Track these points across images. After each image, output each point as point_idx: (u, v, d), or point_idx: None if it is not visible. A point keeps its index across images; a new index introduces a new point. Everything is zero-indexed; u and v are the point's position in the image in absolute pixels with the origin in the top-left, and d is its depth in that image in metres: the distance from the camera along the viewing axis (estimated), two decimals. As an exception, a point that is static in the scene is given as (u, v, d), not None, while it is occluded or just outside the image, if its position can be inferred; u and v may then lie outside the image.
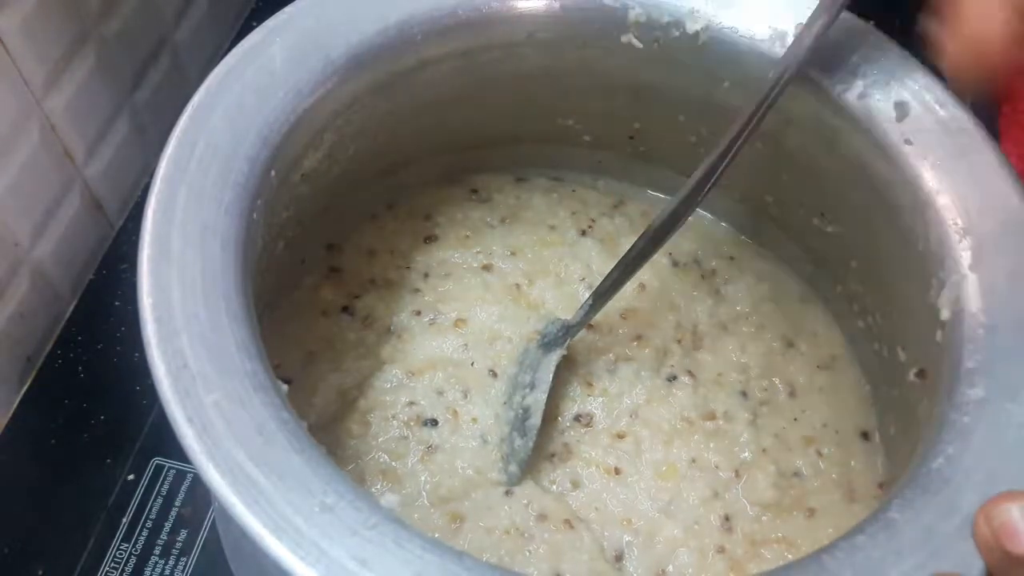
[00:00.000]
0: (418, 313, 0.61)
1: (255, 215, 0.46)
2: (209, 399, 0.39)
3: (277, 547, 0.36)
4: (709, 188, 0.51)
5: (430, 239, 0.65)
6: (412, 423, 0.57)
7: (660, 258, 0.64)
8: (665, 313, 0.62)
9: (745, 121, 0.50)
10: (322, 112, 0.51)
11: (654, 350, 0.60)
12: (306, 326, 0.60)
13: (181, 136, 0.46)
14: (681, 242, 0.65)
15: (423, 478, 0.55)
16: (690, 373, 0.60)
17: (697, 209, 0.66)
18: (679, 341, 0.61)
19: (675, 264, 0.64)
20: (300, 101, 0.49)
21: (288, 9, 0.51)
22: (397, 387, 0.58)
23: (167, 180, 0.45)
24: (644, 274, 0.61)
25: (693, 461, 0.57)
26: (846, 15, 0.52)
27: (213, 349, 0.40)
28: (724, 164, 0.51)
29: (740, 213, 0.66)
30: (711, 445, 0.57)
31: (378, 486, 0.55)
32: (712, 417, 0.58)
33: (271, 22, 0.51)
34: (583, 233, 0.65)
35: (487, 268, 0.63)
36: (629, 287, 0.59)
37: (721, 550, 0.54)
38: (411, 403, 0.58)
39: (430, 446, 0.56)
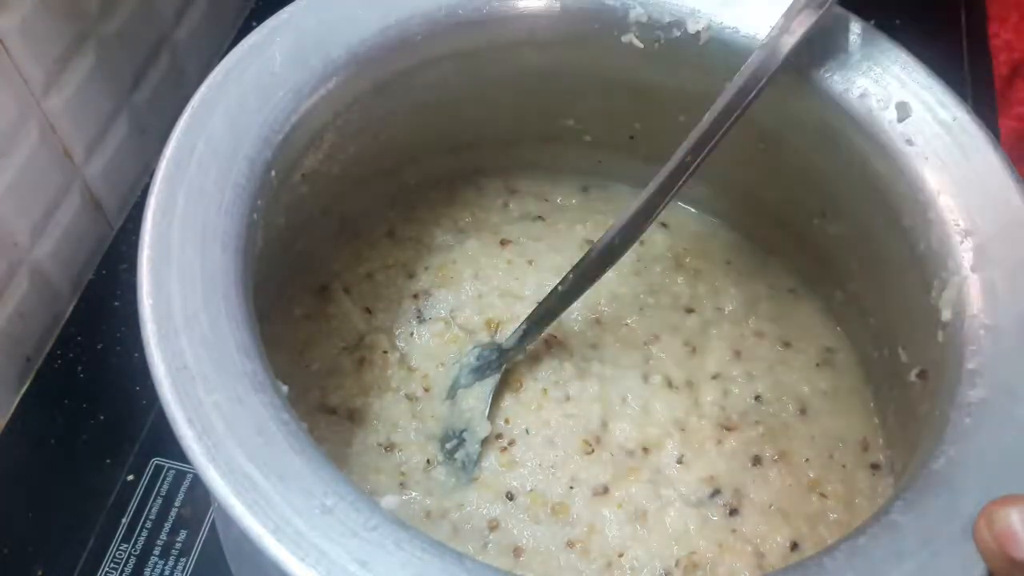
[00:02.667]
0: (417, 313, 0.61)
1: (255, 215, 0.46)
2: (209, 400, 0.39)
3: (277, 548, 0.36)
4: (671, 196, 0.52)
5: (430, 239, 0.65)
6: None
7: (656, 260, 0.64)
8: (657, 315, 0.62)
9: (708, 130, 0.50)
10: (322, 112, 0.51)
11: (642, 354, 0.61)
12: (302, 326, 0.60)
13: (181, 136, 0.46)
14: (678, 241, 0.66)
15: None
16: (689, 382, 0.60)
17: (695, 211, 0.67)
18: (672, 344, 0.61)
19: (677, 266, 0.64)
20: (300, 101, 0.49)
21: (288, 9, 0.51)
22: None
23: (167, 180, 0.45)
24: (636, 276, 0.62)
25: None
26: (845, 14, 0.52)
27: (213, 350, 0.40)
28: (692, 168, 0.50)
29: (740, 213, 0.66)
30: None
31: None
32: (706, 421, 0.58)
33: (271, 22, 0.51)
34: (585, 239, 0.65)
35: (484, 269, 0.63)
36: (618, 291, 0.59)
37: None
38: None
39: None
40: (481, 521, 0.54)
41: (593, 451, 0.56)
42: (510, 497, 0.55)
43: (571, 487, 0.55)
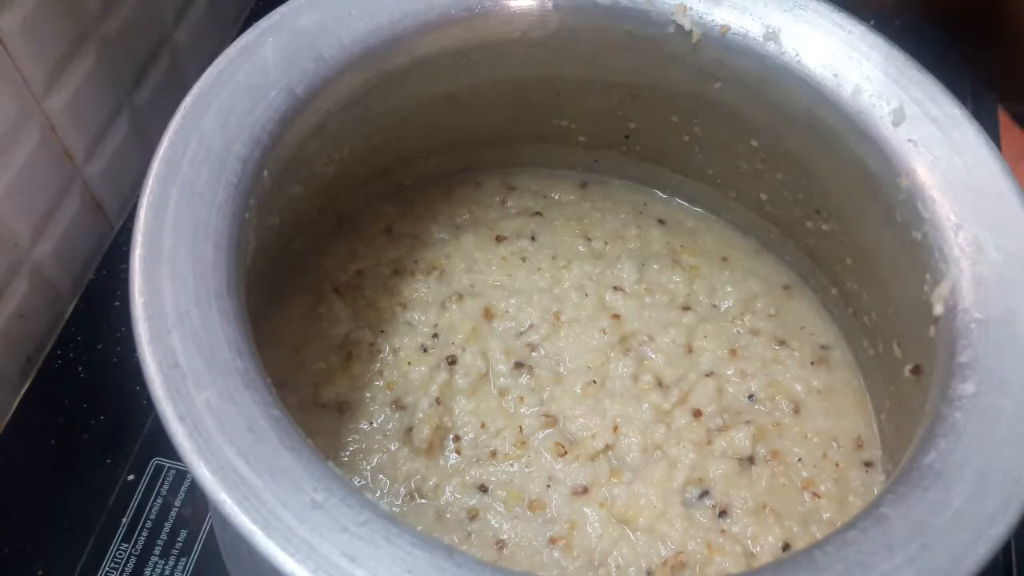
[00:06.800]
0: (406, 307, 0.61)
1: (247, 215, 0.46)
2: (200, 397, 0.39)
3: (267, 544, 0.36)
4: None
5: (427, 236, 0.65)
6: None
7: (653, 257, 0.64)
8: (654, 315, 0.62)
9: None
10: (315, 112, 0.51)
11: (635, 356, 0.60)
12: (296, 326, 0.60)
13: (174, 136, 0.46)
14: (673, 240, 0.66)
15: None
16: (680, 382, 0.59)
17: (691, 207, 0.67)
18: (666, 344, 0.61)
19: (674, 263, 0.64)
20: (293, 101, 0.49)
21: (280, 9, 0.51)
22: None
23: (159, 180, 0.45)
24: (633, 274, 0.63)
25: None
26: (843, 14, 0.52)
27: (204, 347, 0.41)
28: None
29: (735, 211, 0.66)
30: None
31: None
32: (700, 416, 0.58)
33: (264, 22, 0.51)
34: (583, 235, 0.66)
35: (477, 263, 0.63)
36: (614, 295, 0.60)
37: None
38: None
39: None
40: (461, 511, 0.54)
41: (567, 453, 0.56)
42: (483, 490, 0.55)
43: (548, 486, 0.55)
